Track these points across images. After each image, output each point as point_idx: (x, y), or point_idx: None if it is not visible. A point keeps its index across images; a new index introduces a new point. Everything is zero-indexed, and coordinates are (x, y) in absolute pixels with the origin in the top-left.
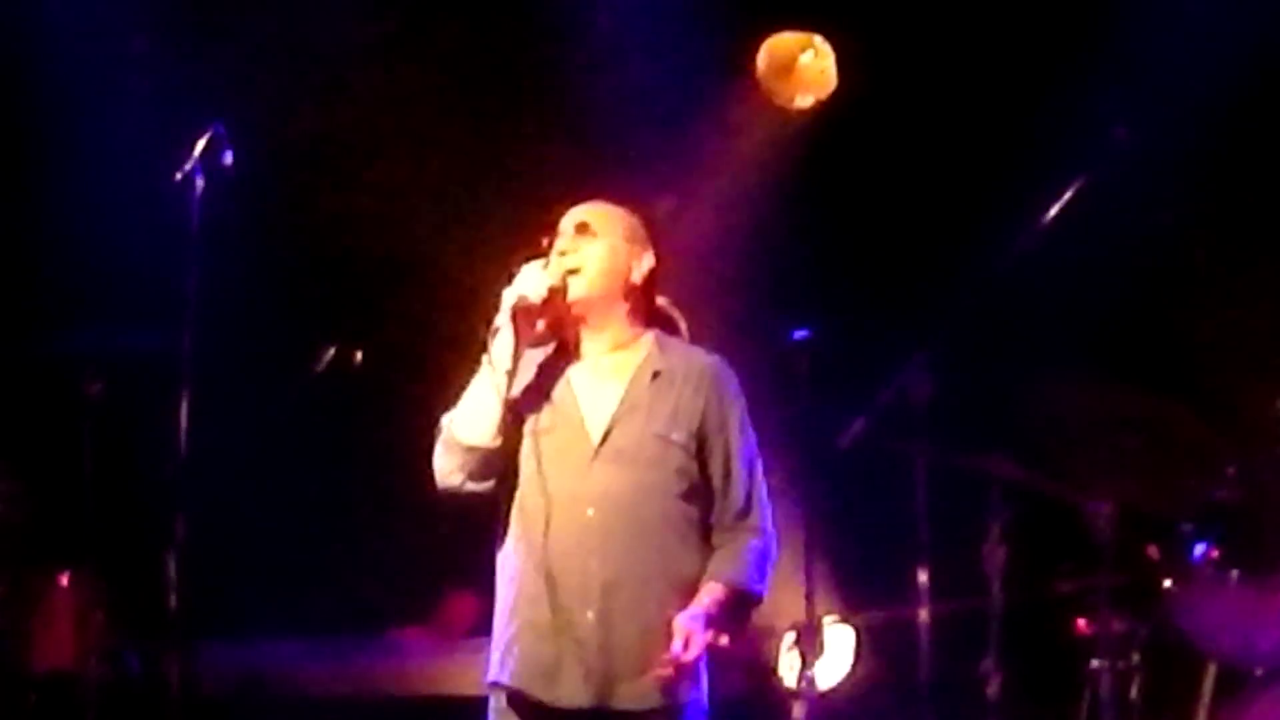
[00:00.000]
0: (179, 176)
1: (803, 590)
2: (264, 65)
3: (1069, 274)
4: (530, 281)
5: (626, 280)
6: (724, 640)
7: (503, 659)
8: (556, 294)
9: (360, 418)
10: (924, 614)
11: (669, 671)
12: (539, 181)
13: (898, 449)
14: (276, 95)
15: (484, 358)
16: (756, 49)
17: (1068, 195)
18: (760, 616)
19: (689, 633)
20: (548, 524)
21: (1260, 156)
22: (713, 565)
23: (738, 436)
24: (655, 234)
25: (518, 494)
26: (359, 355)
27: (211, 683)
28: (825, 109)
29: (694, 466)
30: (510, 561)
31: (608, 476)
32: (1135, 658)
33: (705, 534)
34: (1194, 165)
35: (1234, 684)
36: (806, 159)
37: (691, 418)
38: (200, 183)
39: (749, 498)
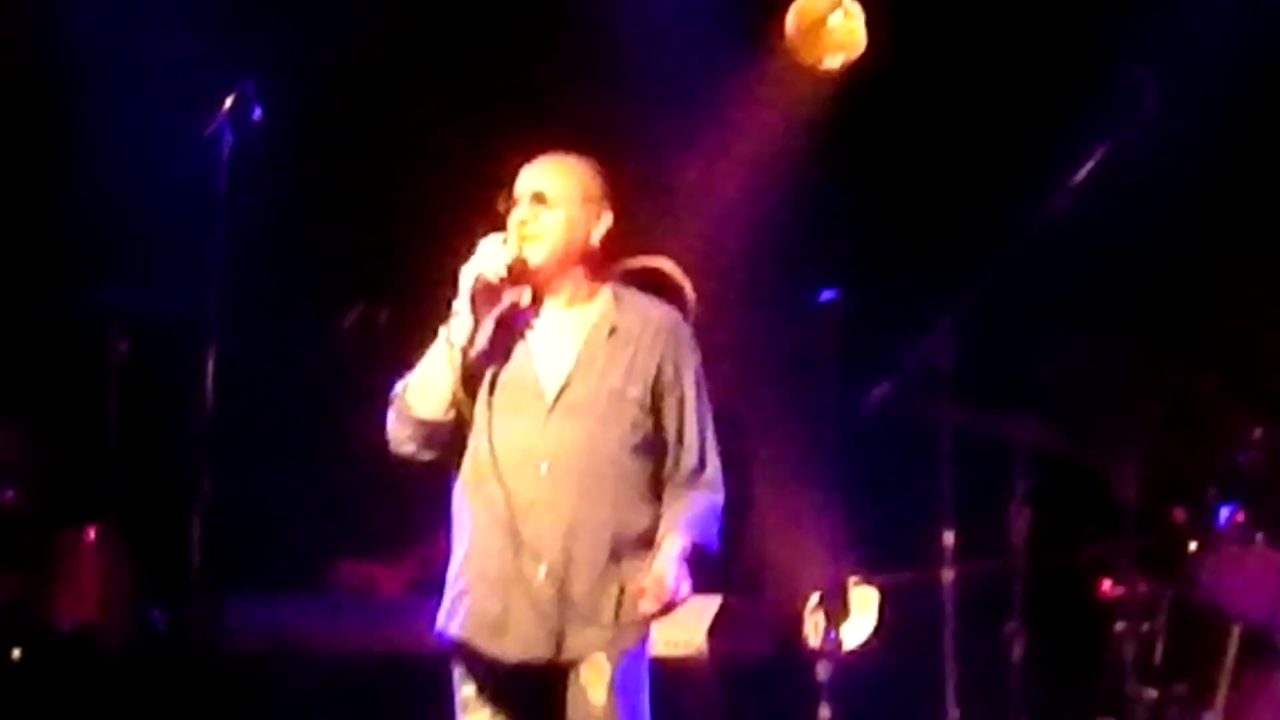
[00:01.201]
0: (207, 134)
1: (828, 552)
2: (293, 22)
3: (1096, 237)
4: (488, 260)
5: (585, 244)
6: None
7: (451, 608)
8: (518, 263)
9: (387, 375)
10: (948, 576)
11: (654, 607)
12: (569, 140)
13: (923, 412)
14: (306, 52)
15: (441, 331)
16: (786, 9)
17: (1096, 157)
18: (786, 577)
19: (678, 576)
20: (501, 479)
21: None
22: (669, 519)
23: (692, 391)
24: (613, 186)
25: (472, 448)
26: (385, 313)
27: (235, 639)
28: (854, 70)
29: (649, 421)
30: (463, 514)
31: (561, 431)
32: (1160, 621)
33: (657, 488)
34: (1225, 128)
35: (1258, 647)
36: (834, 120)
37: (647, 372)
38: (228, 140)
39: (704, 453)
